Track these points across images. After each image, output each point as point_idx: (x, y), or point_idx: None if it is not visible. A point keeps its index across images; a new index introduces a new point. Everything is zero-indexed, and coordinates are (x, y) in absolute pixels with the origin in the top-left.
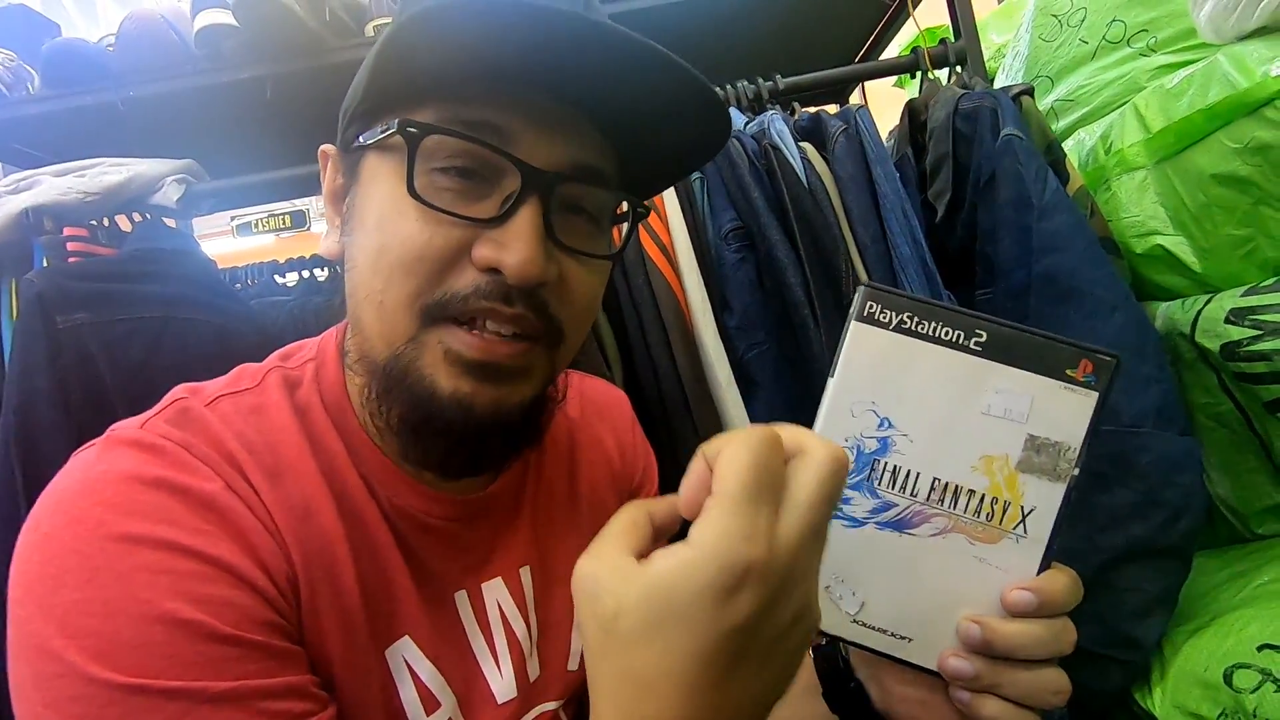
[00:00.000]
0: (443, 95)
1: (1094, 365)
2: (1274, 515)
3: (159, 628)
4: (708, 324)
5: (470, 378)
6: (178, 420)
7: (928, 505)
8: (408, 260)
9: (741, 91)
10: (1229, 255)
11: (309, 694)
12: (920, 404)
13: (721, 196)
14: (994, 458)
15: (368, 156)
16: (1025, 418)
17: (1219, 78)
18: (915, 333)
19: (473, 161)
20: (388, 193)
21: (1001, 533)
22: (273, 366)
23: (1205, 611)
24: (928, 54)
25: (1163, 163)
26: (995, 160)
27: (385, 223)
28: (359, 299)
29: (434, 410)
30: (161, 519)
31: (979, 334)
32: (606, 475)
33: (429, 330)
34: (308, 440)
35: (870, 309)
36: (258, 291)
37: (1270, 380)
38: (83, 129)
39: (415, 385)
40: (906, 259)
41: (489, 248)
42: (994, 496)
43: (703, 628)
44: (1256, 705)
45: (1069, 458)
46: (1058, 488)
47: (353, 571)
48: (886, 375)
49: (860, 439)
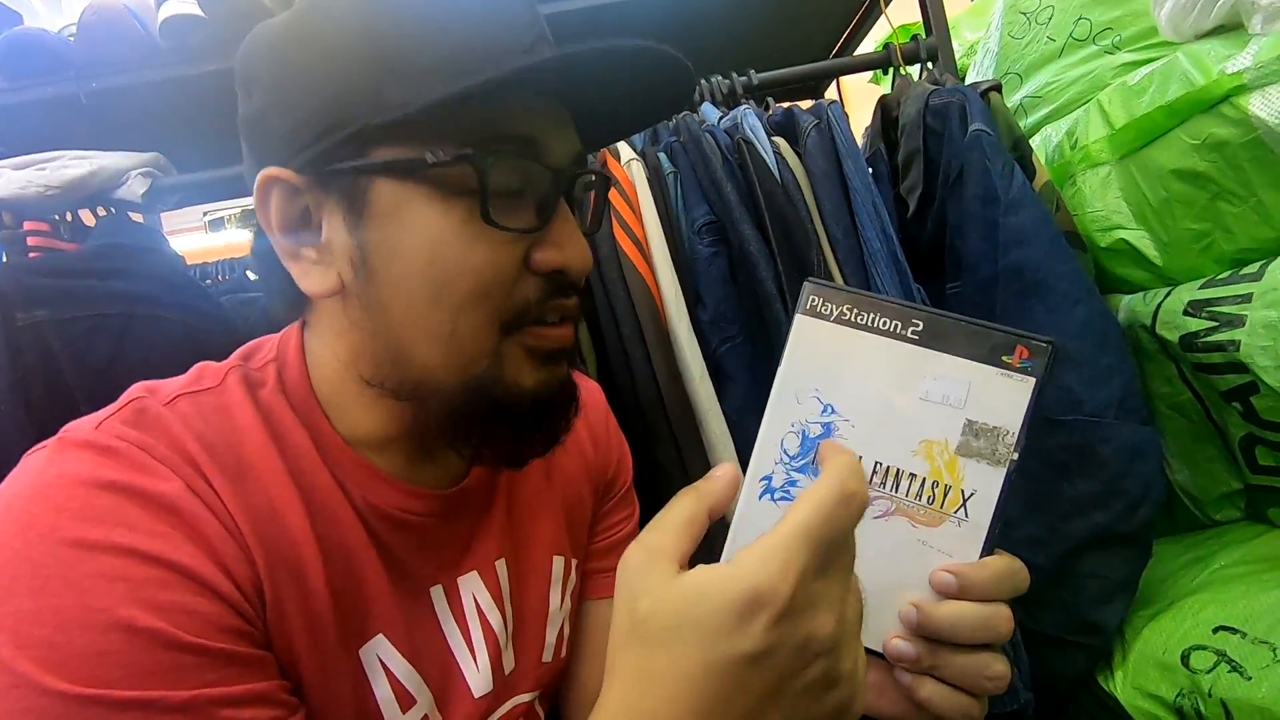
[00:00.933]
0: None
1: (1030, 351)
2: (1231, 502)
3: (115, 636)
4: (681, 318)
5: (546, 366)
6: (134, 420)
7: (870, 488)
8: (483, 286)
9: (715, 86)
10: (1188, 249)
11: (275, 700)
12: (861, 390)
13: (695, 191)
14: (934, 442)
15: (377, 184)
16: (963, 403)
17: (1178, 75)
18: (854, 323)
19: (514, 178)
20: (438, 223)
21: (943, 516)
22: (234, 365)
23: (1164, 596)
24: (900, 50)
25: (1125, 158)
26: (963, 156)
27: (445, 256)
28: (406, 337)
29: (522, 404)
30: (117, 523)
31: (915, 323)
32: (580, 467)
33: (508, 339)
34: (272, 440)
35: (813, 302)
36: (229, 288)
37: (1227, 370)
38: (43, 122)
39: (506, 391)
40: (877, 253)
41: (550, 252)
42: (935, 480)
43: (716, 643)
44: (1211, 685)
45: (1008, 443)
46: (998, 472)
47: (322, 572)
48: (828, 364)
49: (805, 424)
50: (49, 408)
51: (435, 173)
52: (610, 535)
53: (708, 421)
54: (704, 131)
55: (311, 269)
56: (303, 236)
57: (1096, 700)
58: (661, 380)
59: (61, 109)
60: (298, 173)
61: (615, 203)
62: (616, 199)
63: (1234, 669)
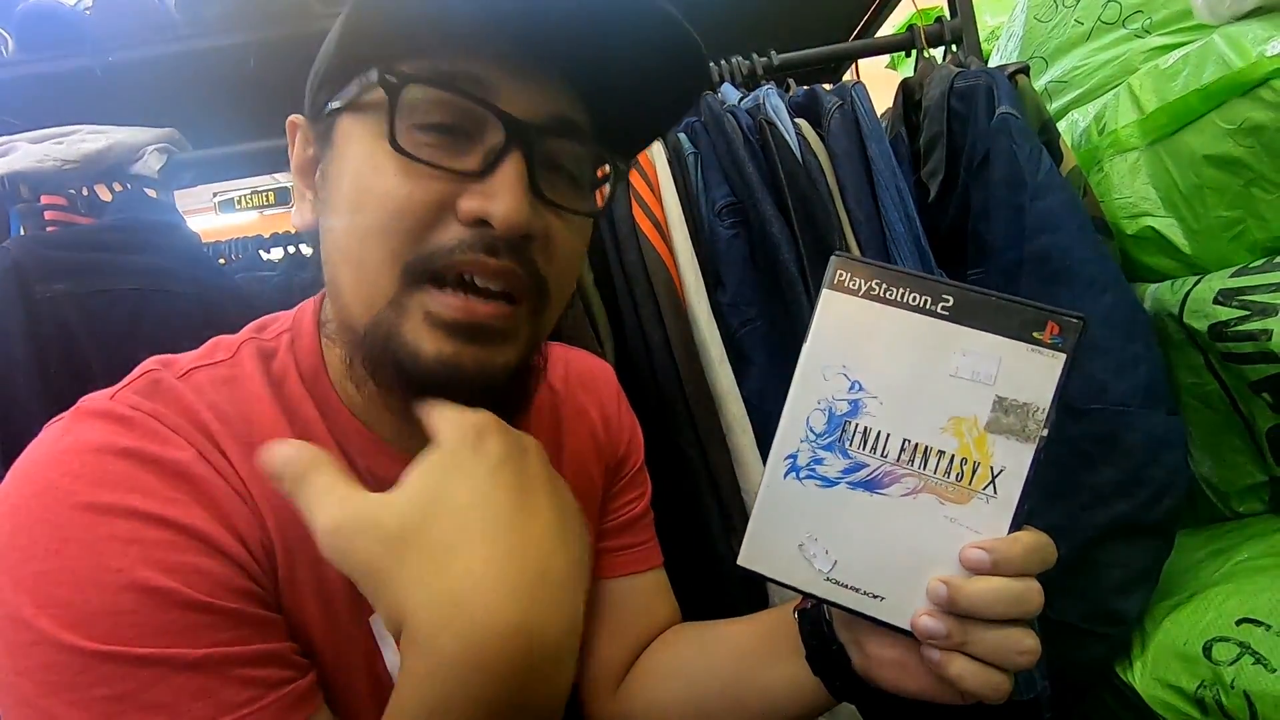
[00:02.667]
0: (421, 51)
1: (1060, 327)
2: (1254, 494)
3: (130, 595)
4: (700, 300)
5: (454, 339)
6: (148, 391)
7: (898, 466)
8: (388, 216)
9: (736, 67)
10: (1219, 237)
11: (287, 660)
12: (889, 367)
13: (715, 172)
14: (963, 419)
15: (341, 120)
16: (993, 379)
17: (1214, 58)
18: (883, 298)
19: (454, 115)
20: (365, 150)
21: (971, 493)
22: (247, 338)
23: (1186, 587)
24: (923, 32)
25: (1156, 144)
26: (990, 139)
27: (362, 181)
28: (335, 264)
29: (419, 375)
30: (132, 488)
31: (945, 298)
32: (591, 447)
33: (409, 293)
34: (283, 411)
35: (840, 277)
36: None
37: (1257, 360)
38: (59, 95)
39: (399, 351)
40: (900, 236)
41: (475, 199)
42: (963, 457)
43: (477, 468)
44: (1234, 677)
45: (1037, 418)
46: (1027, 448)
47: None
48: (856, 340)
49: (832, 401)
50: (66, 380)
51: (368, 100)
52: (621, 515)
53: (726, 404)
54: (725, 112)
55: (303, 205)
56: (310, 180)
57: (1114, 690)
58: (680, 362)
59: (77, 82)
60: (308, 120)
61: (635, 183)
62: (636, 179)
63: (1258, 661)
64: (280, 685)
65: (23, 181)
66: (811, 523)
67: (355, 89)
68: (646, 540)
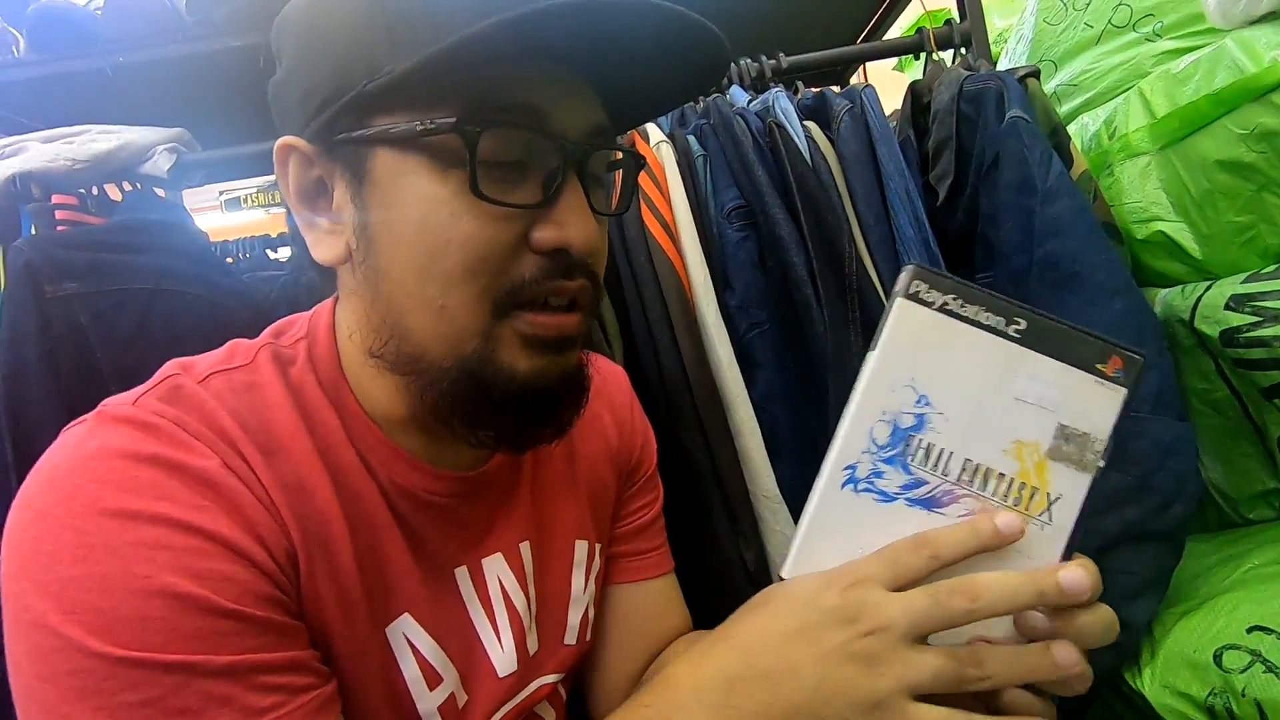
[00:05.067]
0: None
1: (1123, 362)
2: (1265, 501)
3: (157, 602)
4: (709, 303)
5: (545, 354)
6: (170, 397)
7: (958, 485)
8: (472, 261)
9: (745, 69)
10: (1230, 242)
11: (310, 668)
12: (957, 384)
13: (724, 174)
14: (1025, 443)
15: (379, 152)
16: (1057, 406)
17: (1227, 63)
18: (958, 314)
19: (515, 149)
20: (431, 194)
21: (1027, 518)
22: (265, 343)
23: (1196, 594)
24: (932, 35)
25: (1167, 148)
26: (999, 143)
27: (436, 226)
28: (402, 307)
29: (514, 393)
30: (158, 495)
31: (1018, 321)
32: (604, 451)
33: (500, 322)
34: (302, 418)
35: (916, 288)
36: (249, 266)
37: (1269, 366)
38: (70, 95)
39: (492, 375)
40: (910, 240)
41: (550, 230)
42: (1023, 482)
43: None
44: (1245, 685)
45: (1096, 449)
46: (1084, 478)
47: (350, 549)
48: (926, 353)
49: (898, 414)
50: (77, 380)
51: (428, 141)
52: (634, 520)
53: (735, 408)
54: (735, 114)
55: (324, 238)
56: (316, 205)
57: (1122, 698)
58: (688, 366)
59: (88, 83)
60: (309, 142)
61: (644, 186)
62: (645, 182)
63: (1269, 669)
64: (303, 692)
65: (34, 181)
66: (866, 537)
67: (400, 122)
68: (658, 546)
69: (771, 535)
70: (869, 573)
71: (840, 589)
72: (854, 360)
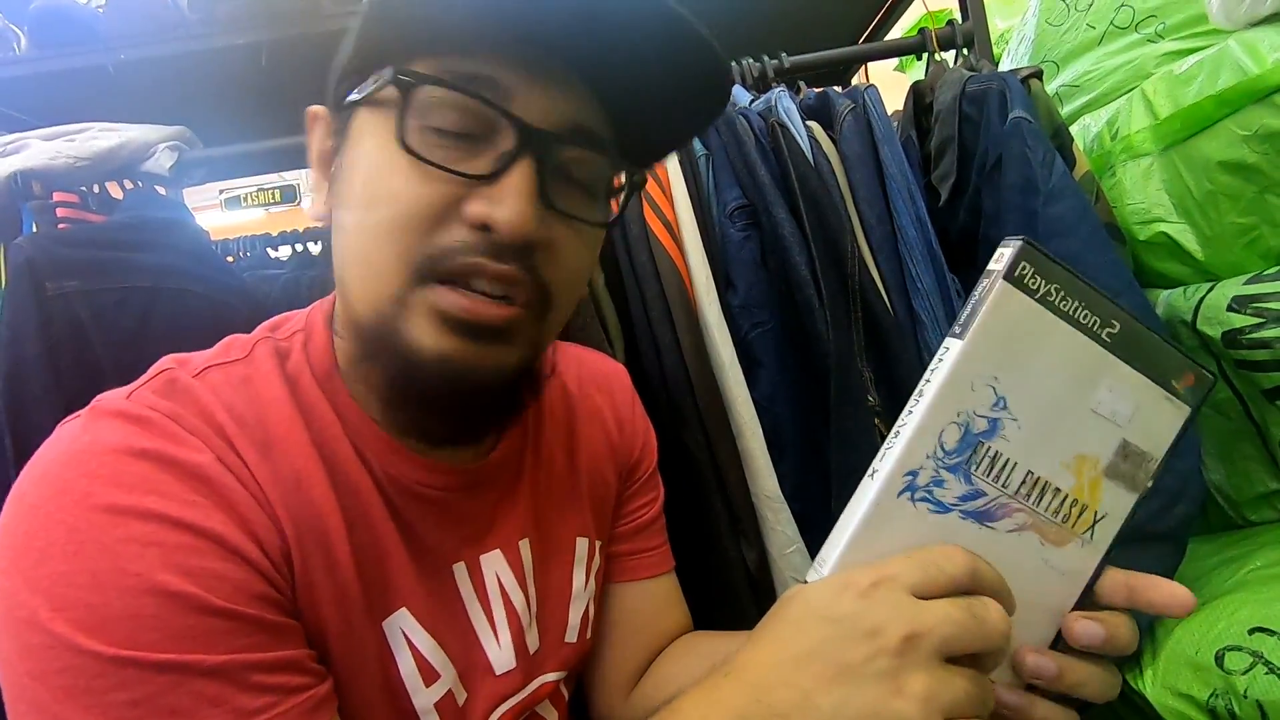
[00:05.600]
0: (438, 49)
1: (1195, 379)
2: (1267, 502)
3: (149, 599)
4: (711, 302)
5: (455, 336)
6: (165, 391)
7: (1014, 499)
8: (397, 216)
9: (747, 69)
10: (1232, 243)
11: (305, 668)
12: (1039, 388)
13: (727, 174)
14: (1087, 458)
15: (358, 113)
16: (1127, 422)
17: (1230, 64)
18: (1057, 308)
19: (468, 119)
20: (378, 148)
21: (1071, 535)
22: (262, 337)
23: (1198, 596)
24: (934, 35)
25: (1169, 149)
26: (1002, 143)
27: (374, 179)
28: (344, 260)
29: (418, 371)
30: (150, 490)
31: (1113, 324)
32: (605, 449)
33: (416, 291)
34: (299, 412)
35: (1022, 270)
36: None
37: (1271, 368)
38: (71, 93)
39: (400, 345)
40: (912, 240)
41: (480, 203)
42: (1075, 498)
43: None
44: (1247, 686)
45: (1148, 469)
46: (1130, 497)
47: (346, 544)
48: (1016, 348)
49: (972, 416)
50: (78, 377)
51: (381, 96)
52: (634, 519)
53: (736, 408)
54: (737, 114)
55: (318, 197)
56: (323, 169)
57: (1123, 699)
58: (690, 365)
59: (89, 80)
60: (330, 111)
61: (646, 185)
62: (648, 181)
63: (1271, 670)
64: (297, 692)
65: (35, 179)
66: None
67: (372, 84)
68: (659, 545)
69: (773, 535)
70: (895, 573)
71: (859, 592)
72: (856, 360)
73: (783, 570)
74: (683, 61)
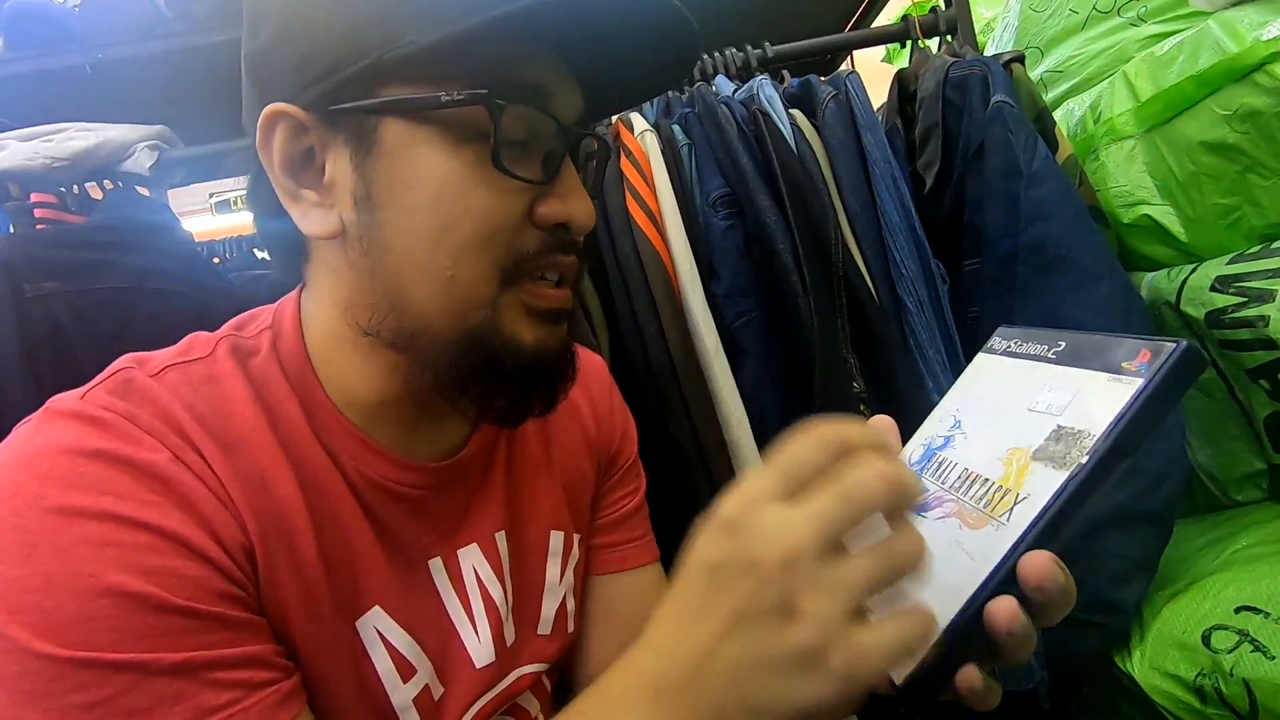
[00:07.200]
0: (478, 57)
1: (1150, 353)
2: (1252, 482)
3: (104, 601)
4: (695, 291)
5: (545, 325)
6: (120, 390)
7: (947, 492)
8: (486, 232)
9: (730, 59)
10: (1215, 224)
11: (270, 663)
12: (987, 407)
13: (710, 163)
14: (1018, 449)
15: (387, 123)
16: (1062, 410)
17: (1210, 44)
18: (1014, 352)
19: (522, 127)
20: (447, 165)
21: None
22: (225, 335)
23: (1184, 576)
24: (918, 23)
25: (1151, 131)
26: (984, 129)
27: (453, 195)
28: (406, 279)
29: (523, 362)
30: (104, 491)
31: (1060, 344)
32: (581, 441)
33: (506, 292)
34: (264, 411)
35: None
36: (236, 266)
37: (1255, 346)
38: (48, 93)
39: (504, 345)
40: (895, 226)
41: (555, 205)
42: (1001, 485)
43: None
44: (1233, 665)
45: (1083, 445)
46: (1058, 475)
47: (314, 543)
48: (975, 389)
49: (934, 437)
50: (57, 380)
51: (447, 113)
52: (615, 510)
53: (722, 396)
54: (719, 103)
55: (312, 210)
56: (304, 176)
57: (1112, 680)
58: (675, 355)
59: (66, 80)
60: (305, 109)
61: (629, 174)
62: (630, 171)
63: (1257, 649)
64: (262, 687)
65: (12, 180)
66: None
67: (417, 93)
68: (641, 535)
69: None
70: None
71: (726, 528)
72: (841, 348)
73: None
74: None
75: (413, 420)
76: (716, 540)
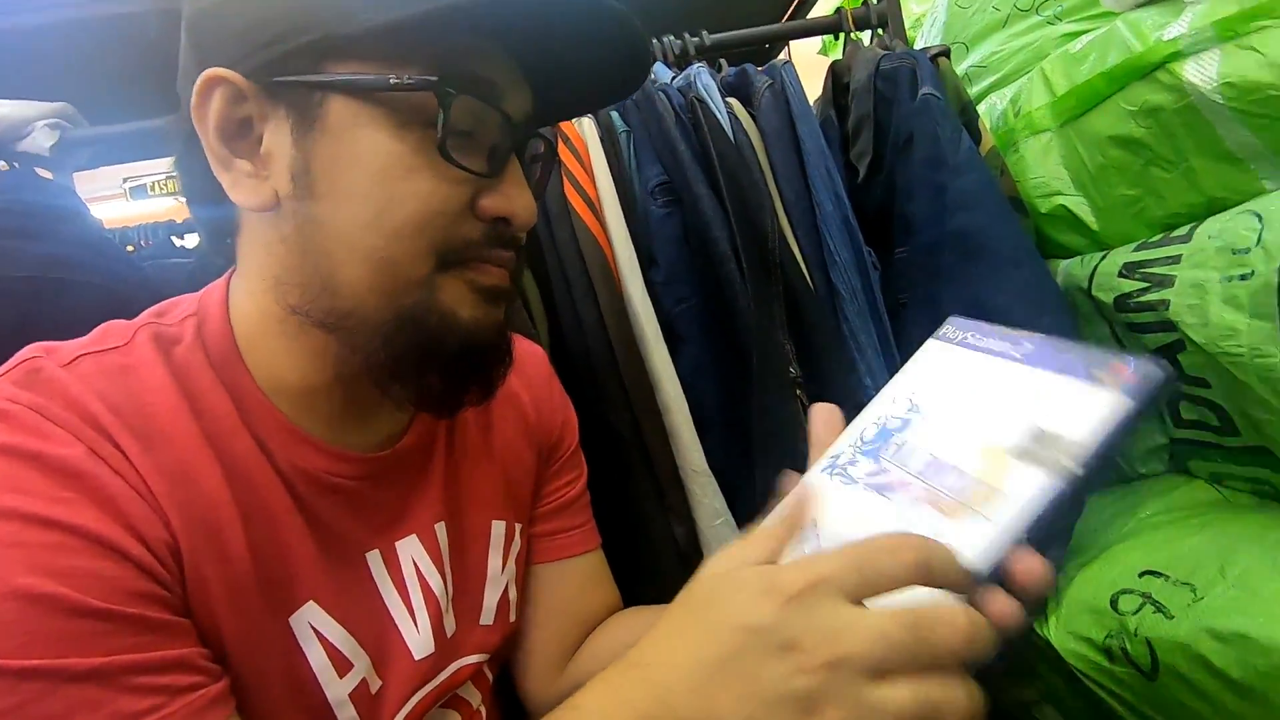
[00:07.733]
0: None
1: (1129, 369)
2: (1155, 456)
3: (11, 604)
4: (635, 279)
5: (484, 304)
6: (26, 382)
7: (915, 478)
8: (423, 217)
9: (668, 47)
10: (1122, 214)
11: (194, 666)
12: (949, 395)
13: (648, 151)
14: (995, 444)
15: (332, 100)
16: (1040, 413)
17: (1118, 43)
18: (972, 345)
19: (470, 120)
20: (390, 148)
21: (967, 510)
22: (145, 324)
23: (1095, 545)
24: (850, 15)
25: (1066, 125)
26: (912, 120)
27: (393, 179)
28: (338, 259)
29: (450, 342)
30: (11, 489)
31: (1026, 345)
32: (521, 430)
33: (439, 275)
34: (187, 401)
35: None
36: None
37: (1157, 329)
38: None
39: (435, 322)
40: (829, 215)
41: (495, 200)
42: (979, 479)
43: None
44: (1137, 625)
45: (1067, 451)
46: (1040, 474)
47: (243, 538)
48: (932, 376)
49: (888, 418)
50: None
51: (396, 96)
52: (556, 498)
53: (662, 384)
54: (657, 90)
55: (244, 180)
56: (239, 145)
57: (1031, 645)
58: (615, 342)
59: None
60: (245, 76)
61: (567, 161)
62: (568, 157)
63: (1158, 610)
64: (186, 692)
65: None
66: (820, 512)
67: (367, 73)
68: (583, 523)
69: (700, 509)
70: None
71: (784, 599)
72: (778, 333)
73: (711, 542)
74: (606, 45)
75: (344, 409)
76: (768, 602)
